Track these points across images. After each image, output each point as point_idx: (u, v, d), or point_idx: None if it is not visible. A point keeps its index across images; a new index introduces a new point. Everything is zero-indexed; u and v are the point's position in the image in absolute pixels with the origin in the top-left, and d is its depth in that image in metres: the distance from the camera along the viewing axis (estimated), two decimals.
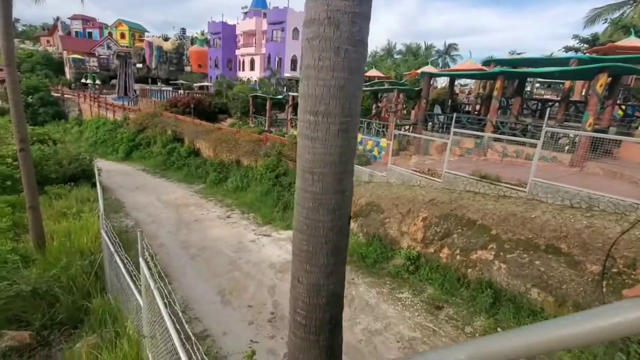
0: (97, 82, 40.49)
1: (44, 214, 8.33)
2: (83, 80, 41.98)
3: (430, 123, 14.18)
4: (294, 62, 37.39)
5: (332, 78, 1.98)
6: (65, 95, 37.53)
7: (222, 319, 6.41)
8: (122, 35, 59.29)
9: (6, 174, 11.37)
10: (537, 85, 28.27)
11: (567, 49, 28.93)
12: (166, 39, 53.36)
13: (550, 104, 16.30)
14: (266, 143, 15.54)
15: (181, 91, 32.74)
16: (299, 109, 2.20)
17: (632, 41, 13.05)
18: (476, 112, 16.12)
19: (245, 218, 11.92)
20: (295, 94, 19.76)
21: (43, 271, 6.03)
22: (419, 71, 19.73)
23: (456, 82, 21.30)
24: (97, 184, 10.43)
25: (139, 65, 45.07)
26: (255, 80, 35.46)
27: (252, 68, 41.23)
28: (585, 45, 26.64)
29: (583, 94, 17.70)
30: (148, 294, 4.08)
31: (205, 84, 38.41)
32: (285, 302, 7.14)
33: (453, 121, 9.82)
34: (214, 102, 26.48)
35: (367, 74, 23.64)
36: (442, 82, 29.05)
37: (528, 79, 18.12)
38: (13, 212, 9.69)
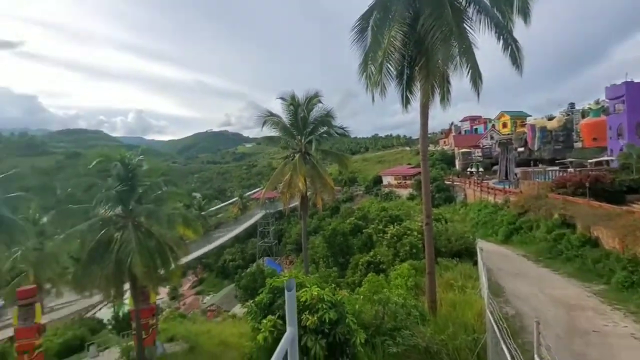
0: (480, 169, 45.05)
1: (436, 281, 9.55)
2: (468, 169, 48.40)
3: None
4: None
5: None
6: (455, 183, 44.63)
7: None
8: (504, 125, 63.90)
9: (413, 243, 14.61)
10: None
11: None
12: (550, 118, 50.90)
13: None
14: None
15: (570, 169, 29.04)
16: None
17: None
18: None
19: None
20: None
21: (434, 333, 6.63)
22: None
23: None
24: (479, 263, 10.72)
25: (520, 149, 45.61)
26: None
27: None
28: None
29: None
30: None
31: (604, 158, 31.97)
32: None
33: None
34: (618, 179, 20.95)
35: None
36: None
37: None
38: (415, 274, 12.03)
